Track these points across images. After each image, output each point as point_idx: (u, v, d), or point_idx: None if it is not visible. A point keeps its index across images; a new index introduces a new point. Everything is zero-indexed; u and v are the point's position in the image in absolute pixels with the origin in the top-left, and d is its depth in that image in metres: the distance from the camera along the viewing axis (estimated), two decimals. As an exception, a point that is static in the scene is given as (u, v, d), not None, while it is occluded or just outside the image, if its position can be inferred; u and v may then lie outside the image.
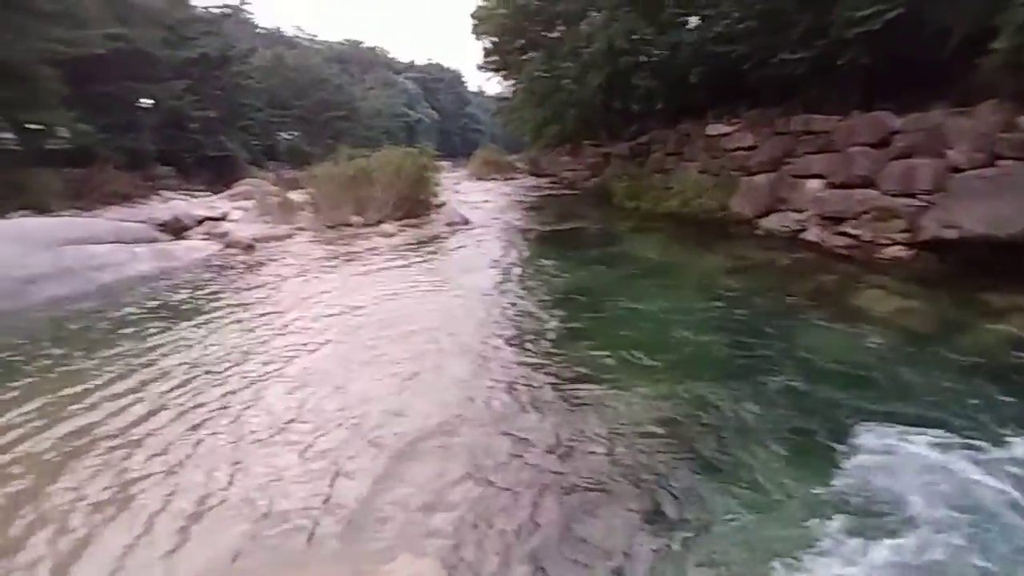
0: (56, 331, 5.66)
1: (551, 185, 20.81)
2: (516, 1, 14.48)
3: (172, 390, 3.99)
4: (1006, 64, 5.71)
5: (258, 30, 46.01)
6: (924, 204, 6.47)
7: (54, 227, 9.89)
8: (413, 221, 11.91)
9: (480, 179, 25.85)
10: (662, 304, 5.87)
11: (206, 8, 28.66)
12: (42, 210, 14.05)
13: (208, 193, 21.65)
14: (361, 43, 60.65)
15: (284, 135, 33.58)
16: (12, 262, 7.28)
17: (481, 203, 15.69)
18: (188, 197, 19.47)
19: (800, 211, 8.51)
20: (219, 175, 25.00)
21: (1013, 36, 5.54)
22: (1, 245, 8.10)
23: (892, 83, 7.77)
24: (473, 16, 19.12)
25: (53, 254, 7.93)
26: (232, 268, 8.30)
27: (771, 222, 8.83)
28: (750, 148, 10.33)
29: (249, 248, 9.55)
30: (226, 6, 30.03)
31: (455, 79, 72.64)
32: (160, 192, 20.61)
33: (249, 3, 35.12)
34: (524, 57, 18.37)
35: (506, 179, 25.18)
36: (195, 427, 3.46)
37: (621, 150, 16.31)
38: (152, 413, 3.66)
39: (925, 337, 4.59)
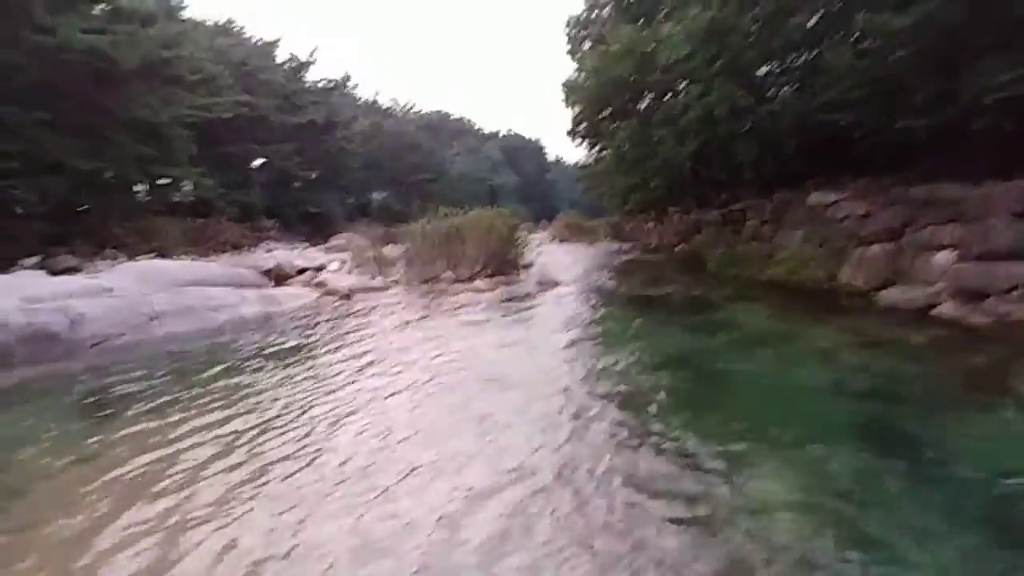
0: (171, 365, 5.93)
1: (635, 250, 20.58)
2: (608, 72, 14.82)
3: (266, 431, 3.97)
4: None
5: (359, 102, 50.03)
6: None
7: (176, 269, 10.68)
8: (502, 279, 11.97)
9: (562, 242, 26.04)
10: (780, 374, 5.41)
11: (316, 82, 31.56)
12: (164, 254, 15.36)
13: (306, 245, 23.03)
14: (450, 114, 64.42)
15: (376, 195, 35.58)
16: (139, 299, 7.84)
17: (568, 264, 15.65)
18: (288, 248, 20.80)
19: (927, 284, 7.80)
20: (316, 229, 26.67)
21: None
22: (132, 284, 8.80)
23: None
24: (564, 85, 19.78)
25: (175, 294, 8.48)
26: (331, 316, 8.55)
27: (892, 295, 8.12)
28: (862, 217, 9.74)
29: (346, 298, 9.86)
30: (331, 80, 32.92)
31: (535, 148, 75.18)
32: (264, 242, 22.16)
33: (351, 78, 38.16)
34: (613, 125, 18.71)
35: (588, 243, 25.20)
36: (273, 464, 3.37)
37: (712, 217, 15.95)
38: (243, 452, 3.62)
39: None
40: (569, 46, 19.50)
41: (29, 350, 6.12)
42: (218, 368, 5.73)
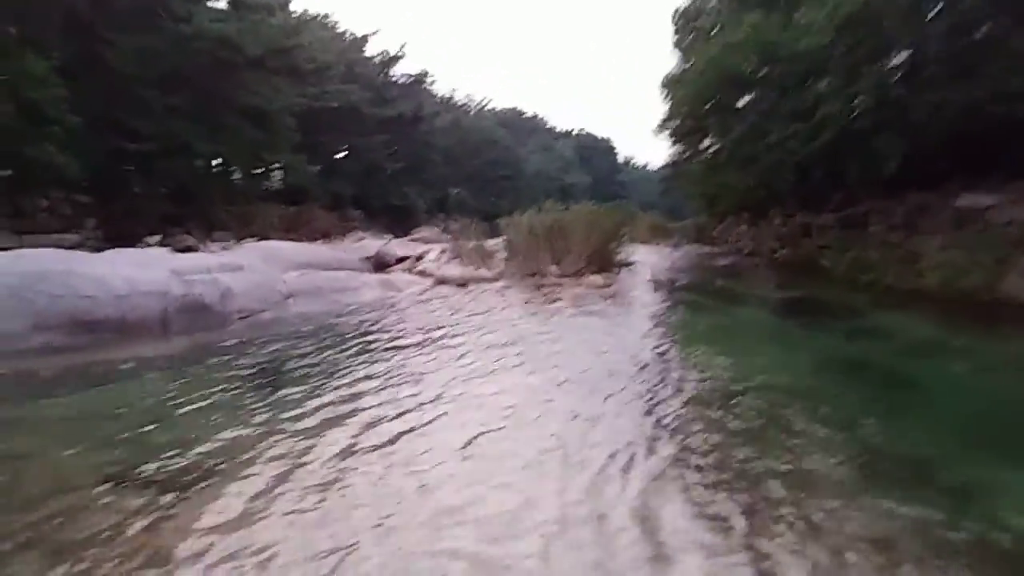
0: (320, 340, 5.87)
1: (731, 254, 19.67)
2: (723, 63, 14.14)
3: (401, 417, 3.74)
4: None
5: (436, 98, 50.60)
6: None
7: (291, 251, 10.88)
8: (610, 275, 11.58)
9: (644, 243, 25.30)
10: (978, 383, 4.83)
11: (401, 76, 31.97)
12: (264, 237, 15.83)
13: (389, 236, 23.36)
14: (524, 112, 64.36)
15: (453, 190, 35.85)
16: (275, 278, 7.95)
17: (665, 265, 15.09)
18: (376, 238, 21.11)
19: None
20: (398, 221, 27.06)
21: None
22: (258, 263, 8.96)
23: None
24: (665, 79, 19.22)
25: (302, 275, 8.57)
26: (456, 302, 8.39)
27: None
28: (1031, 223, 8.76)
29: (462, 286, 9.72)
30: (412, 76, 33.20)
31: (607, 147, 74.21)
32: (352, 232, 22.61)
33: (429, 74, 37.52)
34: (710, 120, 17.91)
35: (674, 245, 24.35)
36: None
37: (824, 221, 14.96)
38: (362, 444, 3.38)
39: None
40: (676, 37, 18.85)
41: (185, 320, 6.24)
42: (365, 343, 5.62)
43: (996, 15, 9.00)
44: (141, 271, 6.63)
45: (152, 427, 3.52)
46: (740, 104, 14.77)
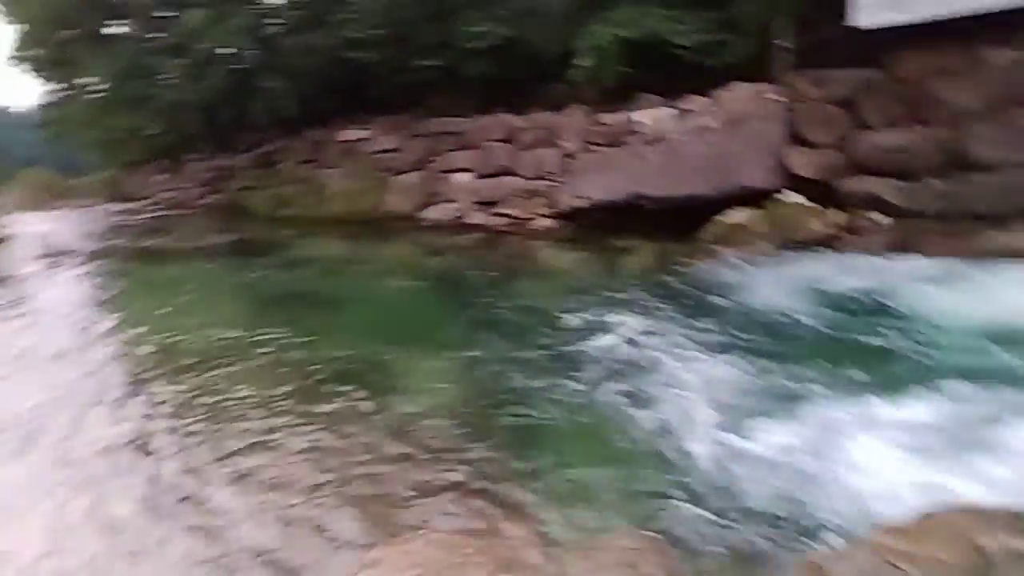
0: None
1: (153, 207, 17.47)
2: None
3: None
4: (588, 79, 7.80)
5: None
6: (556, 184, 8.28)
7: None
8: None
9: (37, 209, 19.71)
10: (377, 286, 6.14)
11: None
12: None
13: None
14: None
15: None
16: None
17: (68, 232, 12.25)
18: None
19: (454, 201, 9.64)
20: None
21: (590, 58, 7.64)
22: None
23: (504, 90, 9.46)
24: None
25: None
26: None
27: (433, 213, 9.70)
28: (393, 150, 11.00)
29: None
30: None
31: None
32: None
33: None
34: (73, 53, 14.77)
35: (80, 207, 19.94)
36: None
37: (242, 162, 15.04)
38: None
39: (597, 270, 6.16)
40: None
41: None
42: None
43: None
44: None
45: None
46: (109, 32, 12.61)
